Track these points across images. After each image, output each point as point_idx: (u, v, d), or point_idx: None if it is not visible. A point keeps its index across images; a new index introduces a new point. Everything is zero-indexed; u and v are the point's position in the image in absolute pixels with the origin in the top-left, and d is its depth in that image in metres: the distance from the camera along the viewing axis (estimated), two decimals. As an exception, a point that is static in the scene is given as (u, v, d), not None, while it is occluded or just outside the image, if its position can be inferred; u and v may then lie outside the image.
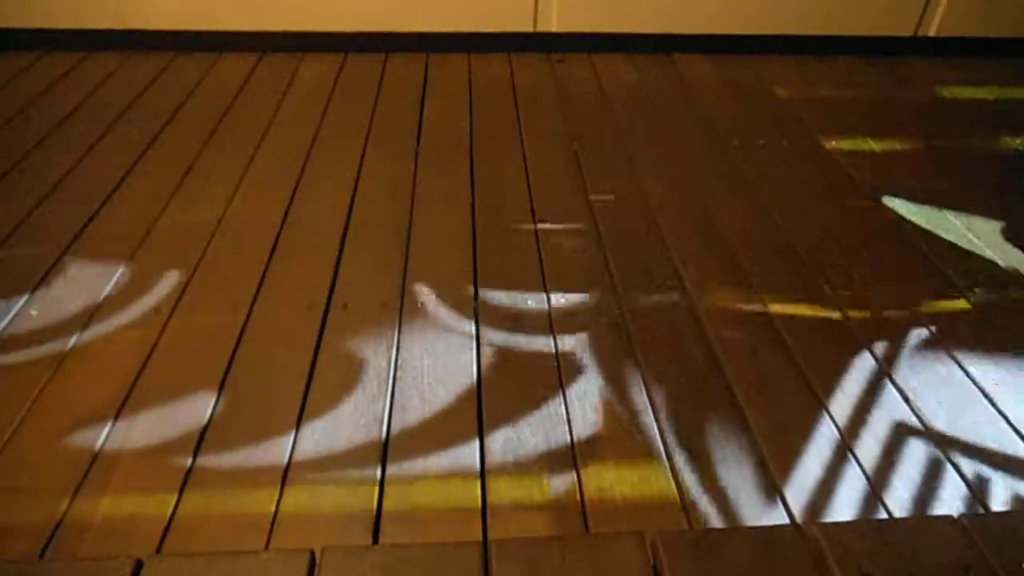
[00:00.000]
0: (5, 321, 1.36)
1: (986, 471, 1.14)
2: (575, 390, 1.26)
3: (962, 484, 1.12)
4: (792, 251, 1.63)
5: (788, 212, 1.78)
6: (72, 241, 1.59)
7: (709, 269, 1.57)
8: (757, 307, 1.46)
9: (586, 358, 1.33)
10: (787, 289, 1.51)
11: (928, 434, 1.20)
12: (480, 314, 1.42)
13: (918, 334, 1.41)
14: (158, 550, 0.98)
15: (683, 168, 1.95)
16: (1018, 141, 2.17)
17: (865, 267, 1.60)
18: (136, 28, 2.51)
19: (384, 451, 1.14)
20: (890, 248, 1.67)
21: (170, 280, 1.48)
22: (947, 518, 1.00)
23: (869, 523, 1.03)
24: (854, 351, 1.37)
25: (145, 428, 1.16)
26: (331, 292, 1.47)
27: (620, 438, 1.17)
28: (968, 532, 0.97)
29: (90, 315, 1.39)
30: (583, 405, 1.23)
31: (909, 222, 1.76)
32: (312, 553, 0.92)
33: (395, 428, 1.18)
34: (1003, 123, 2.28)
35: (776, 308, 1.46)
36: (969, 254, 1.66)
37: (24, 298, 1.42)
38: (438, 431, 1.17)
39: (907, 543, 0.96)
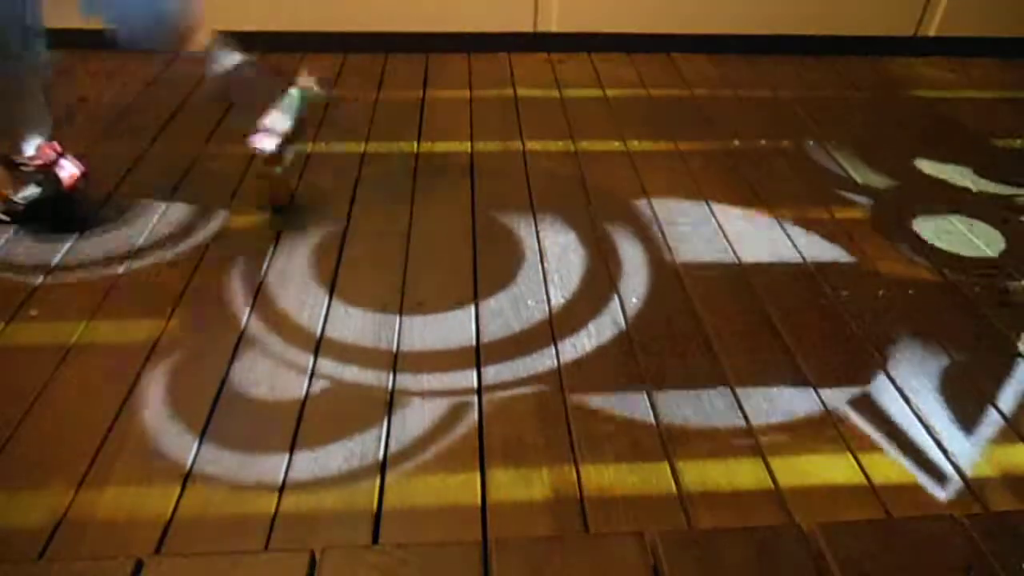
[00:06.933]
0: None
1: (986, 470, 1.14)
2: (575, 392, 1.26)
3: (962, 483, 1.12)
4: (788, 242, 1.64)
5: (788, 211, 1.78)
6: (70, 243, 1.59)
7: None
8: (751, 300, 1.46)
9: (587, 357, 1.33)
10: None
11: (927, 431, 1.20)
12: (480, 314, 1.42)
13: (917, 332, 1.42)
14: (158, 550, 0.98)
15: (684, 167, 1.95)
16: (1018, 142, 2.17)
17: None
18: (136, 28, 2.50)
19: (384, 451, 1.14)
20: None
21: (171, 280, 1.48)
22: (947, 518, 1.00)
23: (869, 523, 1.03)
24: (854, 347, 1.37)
25: (146, 426, 1.16)
26: (331, 291, 1.47)
27: (621, 437, 1.17)
28: (968, 532, 0.97)
29: (94, 310, 1.39)
30: (584, 404, 1.23)
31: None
32: (312, 553, 0.92)
33: (395, 428, 1.18)
34: (1001, 123, 2.28)
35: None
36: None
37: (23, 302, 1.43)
38: (439, 432, 1.17)
39: (907, 543, 0.96)
